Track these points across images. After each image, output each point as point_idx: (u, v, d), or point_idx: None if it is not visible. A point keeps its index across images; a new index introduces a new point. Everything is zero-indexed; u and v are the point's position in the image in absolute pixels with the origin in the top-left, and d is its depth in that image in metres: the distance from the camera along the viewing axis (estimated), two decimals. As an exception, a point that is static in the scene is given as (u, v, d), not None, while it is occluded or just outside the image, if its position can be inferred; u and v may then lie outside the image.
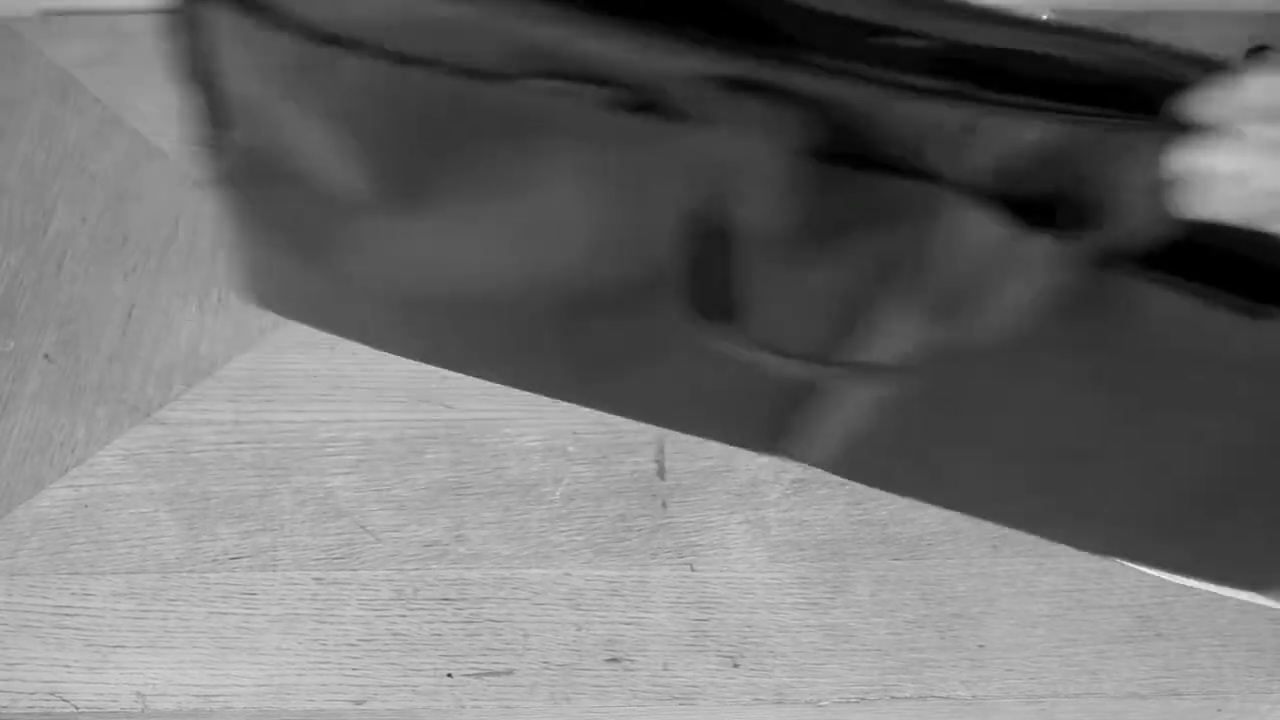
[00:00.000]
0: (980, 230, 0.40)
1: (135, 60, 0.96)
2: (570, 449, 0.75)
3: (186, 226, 0.85)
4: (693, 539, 0.72)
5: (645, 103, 0.40)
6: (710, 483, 0.74)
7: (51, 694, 0.67)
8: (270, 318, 0.80)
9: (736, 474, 0.74)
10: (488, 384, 0.77)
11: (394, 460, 0.74)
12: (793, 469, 0.74)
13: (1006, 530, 0.72)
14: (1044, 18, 0.40)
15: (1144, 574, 0.70)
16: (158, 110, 0.92)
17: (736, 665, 0.68)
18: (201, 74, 0.46)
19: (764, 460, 0.74)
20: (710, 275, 0.44)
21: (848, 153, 0.40)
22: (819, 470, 0.73)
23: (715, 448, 0.74)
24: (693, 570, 0.71)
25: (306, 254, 0.50)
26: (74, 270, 0.83)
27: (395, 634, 0.69)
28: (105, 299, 0.82)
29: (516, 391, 0.76)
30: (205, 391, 0.78)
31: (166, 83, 0.92)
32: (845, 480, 0.73)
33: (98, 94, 0.93)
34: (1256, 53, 0.95)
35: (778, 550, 0.71)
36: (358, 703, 0.67)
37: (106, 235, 0.85)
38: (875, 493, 0.73)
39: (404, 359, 0.78)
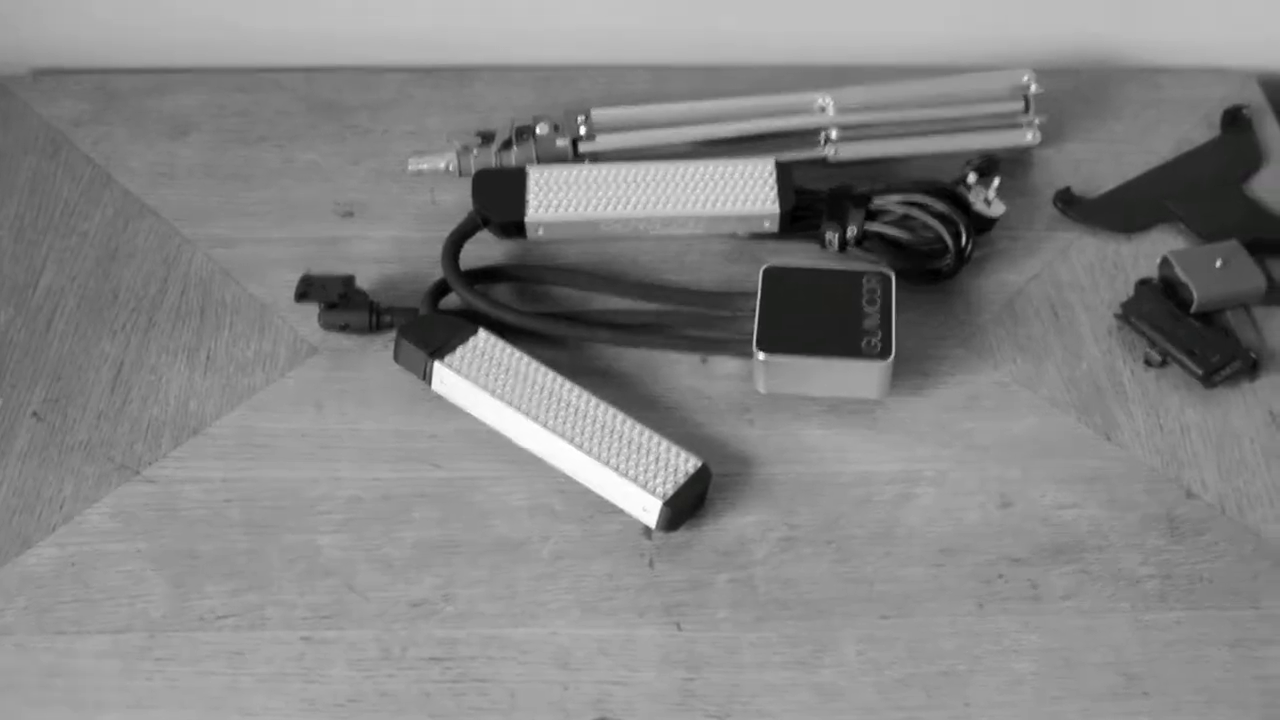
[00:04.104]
0: None
1: (125, 119, 0.96)
2: (557, 508, 0.75)
3: (176, 285, 0.86)
4: (680, 597, 0.72)
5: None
6: (697, 541, 0.74)
7: (37, 755, 0.67)
8: (258, 376, 0.81)
9: (723, 532, 0.74)
10: (475, 443, 0.78)
11: (382, 519, 0.75)
12: (779, 528, 0.74)
13: (992, 588, 0.72)
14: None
15: (1130, 631, 0.71)
16: (147, 169, 0.93)
17: (724, 724, 0.68)
18: None
19: (750, 518, 0.75)
20: None
21: None
22: (805, 528, 0.74)
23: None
24: (680, 629, 0.71)
25: None
26: (63, 328, 0.83)
27: (383, 693, 0.68)
28: (94, 357, 0.82)
29: (504, 451, 0.77)
30: (194, 449, 0.78)
31: (156, 141, 0.94)
32: (831, 539, 0.74)
33: (88, 152, 0.94)
34: (1232, 114, 0.97)
35: (765, 609, 0.71)
36: (345, 763, 0.67)
37: (96, 293, 0.85)
38: (861, 550, 0.74)
39: (390, 419, 0.78)
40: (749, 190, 0.84)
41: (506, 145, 0.89)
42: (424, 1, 1.00)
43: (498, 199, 0.85)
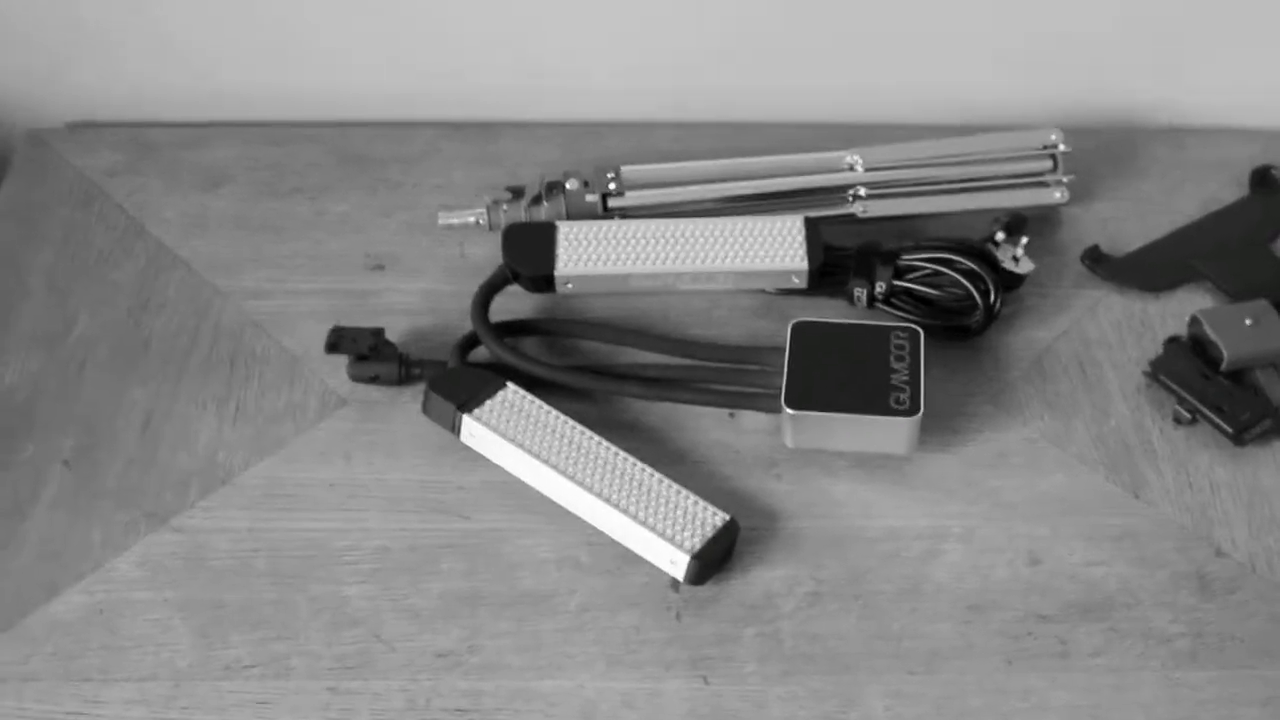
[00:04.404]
0: None
1: (159, 171, 0.97)
2: (584, 560, 0.75)
3: (207, 335, 0.86)
4: (706, 651, 0.72)
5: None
6: (724, 594, 0.74)
7: (61, 803, 0.67)
8: (288, 427, 0.81)
9: (751, 586, 0.74)
10: (503, 495, 0.78)
11: (409, 569, 0.75)
12: (806, 582, 0.74)
13: (1020, 645, 0.72)
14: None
15: (1160, 689, 0.70)
16: (180, 220, 0.94)
17: (750, 780, 0.67)
18: None
19: (778, 573, 0.75)
20: None
21: None
22: (832, 582, 0.74)
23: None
24: (706, 683, 0.70)
25: None
26: (94, 377, 0.84)
27: (408, 745, 0.68)
28: (124, 406, 0.82)
29: (531, 503, 0.77)
30: (222, 499, 0.78)
31: (189, 193, 0.95)
32: (858, 594, 0.73)
33: (122, 203, 0.95)
34: (1260, 173, 0.97)
35: (791, 663, 0.71)
36: (369, 815, 0.67)
37: (128, 343, 0.86)
38: (889, 605, 0.73)
39: (418, 470, 0.78)
40: (778, 246, 0.85)
41: (536, 200, 0.90)
42: (453, 57, 1.01)
43: (527, 253, 0.85)
